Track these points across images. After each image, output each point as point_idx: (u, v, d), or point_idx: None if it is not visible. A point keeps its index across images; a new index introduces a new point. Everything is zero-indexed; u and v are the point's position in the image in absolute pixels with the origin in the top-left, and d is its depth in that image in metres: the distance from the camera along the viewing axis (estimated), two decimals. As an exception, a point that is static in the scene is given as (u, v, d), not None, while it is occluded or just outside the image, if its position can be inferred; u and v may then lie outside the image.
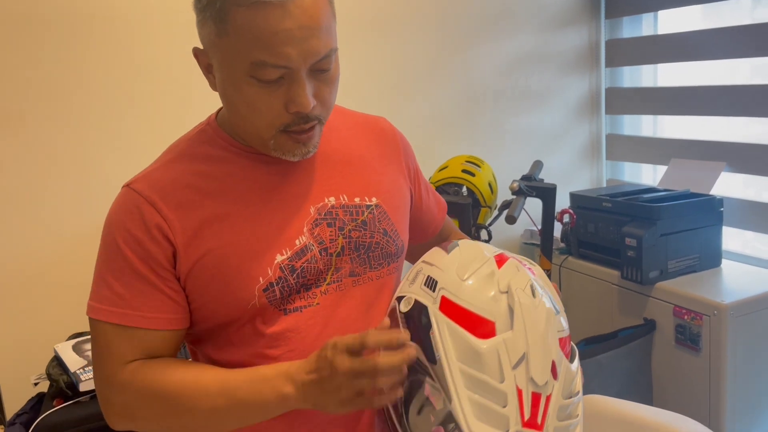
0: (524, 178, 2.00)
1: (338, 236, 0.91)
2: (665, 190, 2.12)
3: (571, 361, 0.78)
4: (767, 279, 1.87)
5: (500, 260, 0.81)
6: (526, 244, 2.43)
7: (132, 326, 0.83)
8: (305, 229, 0.89)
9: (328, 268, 0.90)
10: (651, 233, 1.85)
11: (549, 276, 2.00)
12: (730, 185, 2.14)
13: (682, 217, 1.91)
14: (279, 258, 0.86)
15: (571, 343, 0.82)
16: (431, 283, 0.80)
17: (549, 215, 1.99)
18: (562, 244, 2.24)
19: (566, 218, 2.05)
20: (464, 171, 2.01)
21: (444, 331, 0.74)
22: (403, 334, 0.76)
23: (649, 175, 2.52)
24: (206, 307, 0.86)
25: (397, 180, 1.02)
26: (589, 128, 2.59)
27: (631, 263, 1.90)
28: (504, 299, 0.76)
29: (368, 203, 0.95)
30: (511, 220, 1.82)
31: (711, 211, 1.96)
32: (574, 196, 2.17)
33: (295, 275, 0.87)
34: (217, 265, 0.84)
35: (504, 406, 0.71)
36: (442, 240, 1.13)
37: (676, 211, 1.89)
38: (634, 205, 1.95)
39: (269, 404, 0.81)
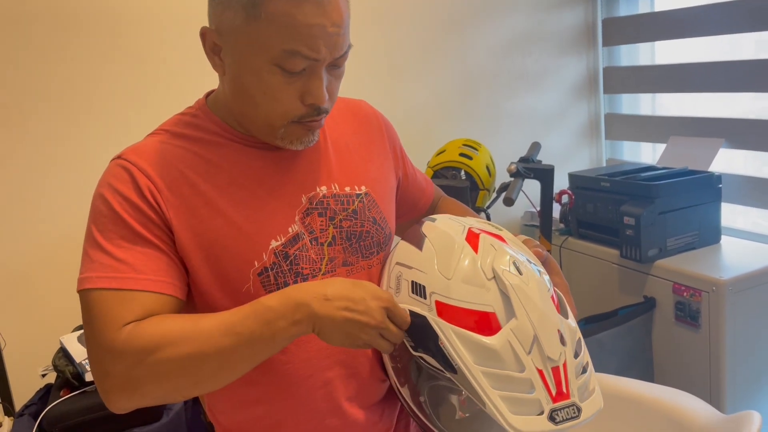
0: (522, 159, 2.01)
1: (329, 226, 0.92)
2: (664, 168, 2.12)
3: (565, 315, 0.80)
4: (766, 254, 1.87)
5: (472, 241, 0.81)
6: (526, 225, 2.44)
7: (136, 289, 0.78)
8: (297, 218, 0.90)
9: (321, 258, 0.91)
10: (649, 211, 1.86)
11: (549, 257, 2.01)
12: (729, 161, 2.14)
13: (681, 194, 1.91)
14: (274, 243, 0.87)
15: (555, 290, 0.83)
16: (419, 290, 0.79)
17: (547, 196, 1.99)
18: (562, 225, 2.24)
19: (565, 199, 2.05)
20: (462, 155, 2.01)
21: (452, 338, 0.74)
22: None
23: (648, 153, 2.52)
24: (199, 289, 0.86)
25: (384, 165, 1.03)
26: (588, 108, 2.59)
27: (630, 242, 1.90)
28: (494, 285, 0.76)
29: (358, 192, 0.96)
30: (508, 202, 1.83)
31: (709, 188, 1.96)
32: (573, 177, 2.17)
33: (288, 262, 0.88)
34: (211, 245, 0.84)
35: (532, 392, 0.72)
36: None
37: (674, 188, 1.89)
38: (632, 184, 1.95)
39: (277, 335, 0.77)
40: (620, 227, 1.93)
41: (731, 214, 2.12)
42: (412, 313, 0.78)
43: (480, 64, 2.39)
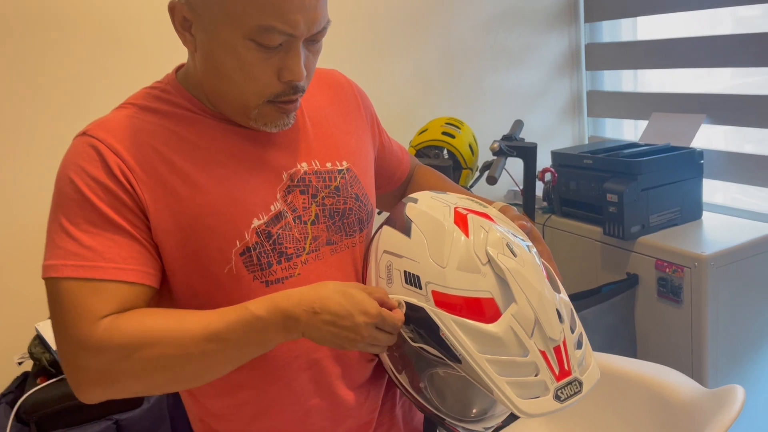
0: (505, 138, 1.99)
1: (311, 204, 0.89)
2: (646, 145, 2.11)
3: (557, 289, 0.79)
4: (747, 229, 1.88)
5: (461, 223, 0.79)
6: (509, 204, 2.42)
7: (107, 279, 0.75)
8: (278, 196, 0.87)
9: (305, 237, 0.88)
10: (632, 188, 1.85)
11: (532, 235, 2.01)
12: (709, 138, 2.14)
13: (663, 170, 1.91)
14: (256, 222, 0.84)
15: (543, 262, 0.82)
16: (413, 280, 0.77)
17: (530, 175, 1.98)
18: (545, 203, 2.24)
19: (547, 177, 2.04)
20: (444, 133, 1.99)
21: (453, 329, 0.73)
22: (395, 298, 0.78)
23: (630, 130, 2.51)
24: (179, 272, 0.83)
25: (362, 138, 1.00)
26: (570, 85, 2.57)
27: (613, 219, 1.90)
28: (489, 270, 0.75)
29: (339, 168, 0.94)
30: (491, 181, 1.81)
31: (691, 164, 1.96)
32: (555, 155, 2.16)
33: (271, 242, 0.85)
34: (191, 225, 0.81)
35: (537, 374, 0.72)
36: (413, 189, 1.13)
37: (657, 165, 1.89)
38: (614, 161, 1.95)
39: (267, 343, 0.77)
40: (603, 204, 1.92)
41: (712, 190, 2.13)
42: (410, 306, 0.76)
43: (462, 40, 2.36)
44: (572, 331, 0.76)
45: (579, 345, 0.77)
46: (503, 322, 0.72)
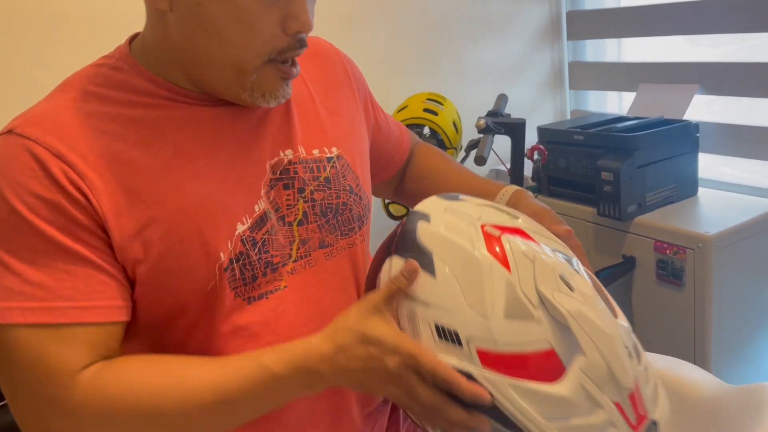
0: (490, 114, 1.84)
1: (298, 200, 0.73)
2: (635, 118, 1.99)
3: (613, 312, 0.64)
4: (748, 206, 1.78)
5: (496, 248, 0.61)
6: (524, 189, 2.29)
7: (68, 323, 0.61)
8: (262, 192, 0.71)
9: (291, 241, 0.72)
10: (628, 165, 1.73)
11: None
12: (700, 109, 2.03)
13: (659, 145, 1.79)
14: (240, 228, 0.68)
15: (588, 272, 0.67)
16: (450, 335, 0.60)
17: (518, 153, 1.83)
18: (533, 183, 2.10)
19: (537, 155, 1.90)
20: (426, 110, 1.83)
21: (512, 396, 0.57)
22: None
23: (614, 103, 2.40)
24: (148, 294, 0.67)
25: (355, 118, 0.85)
26: (551, 56, 2.43)
27: (608, 198, 1.77)
28: (543, 314, 0.59)
29: (329, 155, 0.78)
30: (480, 161, 1.66)
31: (687, 138, 1.85)
32: (542, 131, 2.03)
33: (256, 250, 0.69)
34: (163, 239, 0.64)
35: (613, 429, 0.58)
36: (413, 173, 0.98)
37: (654, 139, 1.77)
38: (608, 136, 1.82)
39: (286, 400, 0.67)
40: (597, 183, 1.80)
41: (706, 165, 2.02)
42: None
43: (440, 10, 2.18)
44: (639, 363, 0.61)
45: (645, 367, 0.63)
46: (571, 379, 0.57)
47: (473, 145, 1.78)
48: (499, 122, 1.78)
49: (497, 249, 0.61)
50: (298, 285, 0.73)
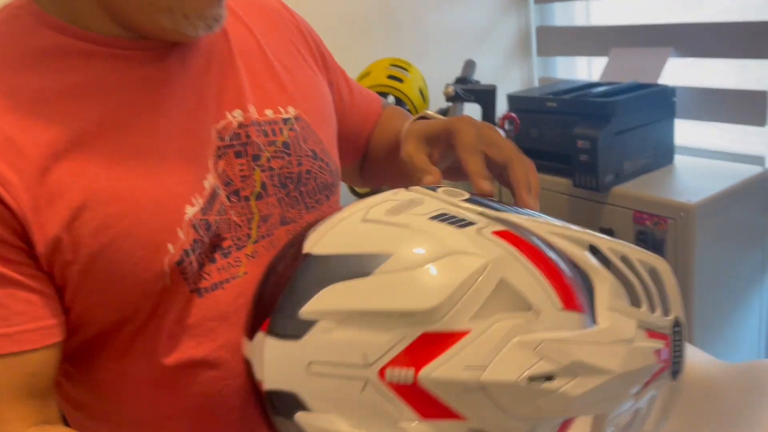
0: (459, 81, 1.72)
1: (254, 170, 0.61)
2: (608, 84, 1.90)
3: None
4: (727, 173, 1.71)
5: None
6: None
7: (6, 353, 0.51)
8: (210, 164, 0.59)
9: (249, 219, 0.61)
10: (606, 132, 1.63)
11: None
12: (680, 73, 1.95)
13: (637, 111, 1.70)
14: (190, 211, 0.57)
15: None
16: None
17: (489, 121, 1.73)
18: (503, 154, 1.99)
19: (508, 124, 1.79)
20: (390, 77, 1.69)
21: None
22: None
23: (583, 70, 2.31)
24: (87, 302, 0.55)
25: (313, 77, 0.73)
26: (518, 21, 2.31)
27: (585, 168, 1.68)
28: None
29: (285, 116, 0.66)
30: (451, 130, 1.55)
31: (664, 103, 1.77)
32: (512, 98, 1.92)
33: (210, 234, 0.58)
34: (100, 231, 0.53)
35: None
36: (373, 143, 0.86)
37: (631, 104, 1.68)
38: (584, 102, 1.72)
39: None
40: (572, 152, 1.70)
41: (680, 131, 1.95)
42: None
43: (400, -31, 2.04)
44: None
45: None
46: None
47: (441, 114, 1.66)
48: (469, 89, 1.66)
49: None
50: (261, 270, 0.60)
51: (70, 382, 0.63)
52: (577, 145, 1.67)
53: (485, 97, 1.69)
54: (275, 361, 0.45)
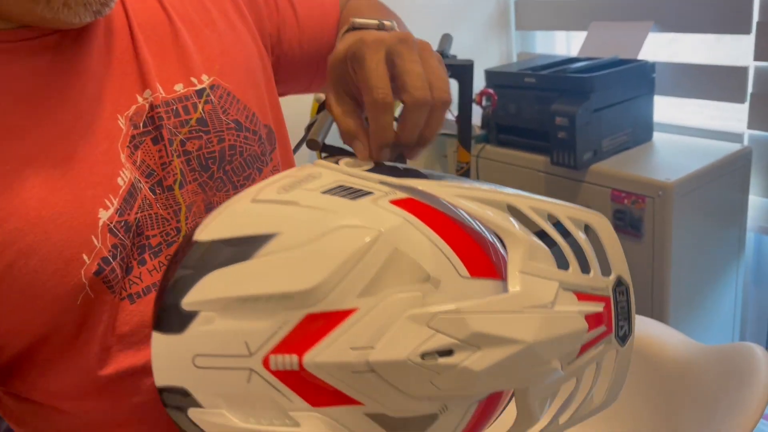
0: (435, 55, 1.66)
1: (172, 156, 0.56)
2: (588, 59, 1.86)
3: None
4: (705, 150, 1.69)
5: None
6: (440, 134, 2.12)
7: None
8: (123, 157, 0.53)
9: (176, 211, 0.55)
10: (584, 109, 1.60)
11: (467, 172, 1.73)
12: (656, 48, 1.92)
13: (616, 87, 1.66)
14: (104, 215, 0.51)
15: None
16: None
17: (466, 99, 1.67)
18: (482, 131, 1.95)
19: (486, 100, 1.75)
20: (363, 51, 1.63)
21: None
22: None
23: (562, 44, 2.26)
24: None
25: (230, 33, 0.65)
26: (496, -6, 2.26)
27: (563, 146, 1.65)
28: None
29: (198, 87, 0.60)
30: (426, 107, 1.49)
31: (643, 78, 1.73)
32: (490, 74, 1.87)
33: (131, 235, 0.52)
34: (0, 252, 0.47)
35: None
36: None
37: (610, 80, 1.64)
38: (562, 78, 1.68)
39: None
40: (550, 130, 1.66)
41: (658, 107, 1.93)
42: None
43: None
44: None
45: None
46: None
47: (417, 89, 1.61)
48: (445, 64, 1.60)
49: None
50: None
51: (10, 399, 0.58)
52: (555, 122, 1.63)
53: (462, 72, 1.64)
54: (162, 357, 0.42)
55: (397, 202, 0.44)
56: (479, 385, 0.42)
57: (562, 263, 0.48)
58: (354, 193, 0.44)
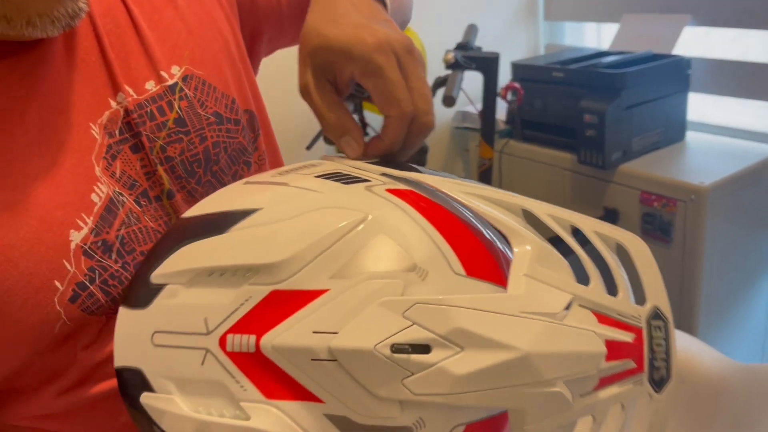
0: (459, 47, 1.60)
1: (155, 164, 0.52)
2: (619, 53, 1.77)
3: None
4: (742, 152, 1.61)
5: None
6: (458, 128, 2.06)
7: None
8: (98, 171, 0.48)
9: (167, 223, 0.51)
10: (615, 107, 1.52)
11: (489, 169, 1.67)
12: (692, 43, 1.83)
13: (649, 84, 1.58)
14: (76, 236, 0.46)
15: None
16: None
17: (491, 92, 1.61)
18: (506, 126, 1.88)
19: (511, 95, 1.68)
20: (385, 41, 1.57)
21: None
22: None
23: (592, 37, 2.18)
24: None
25: (198, 11, 0.59)
26: (524, -18, 2.17)
27: (591, 144, 1.57)
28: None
29: (170, 82, 0.54)
30: (449, 101, 1.43)
31: (678, 75, 1.65)
32: (516, 67, 1.80)
33: (115, 254, 0.48)
34: None
35: None
36: None
37: (644, 77, 1.56)
38: (592, 73, 1.60)
39: None
40: (578, 127, 1.59)
41: (692, 106, 1.84)
42: None
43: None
44: None
45: None
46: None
47: (440, 83, 1.55)
48: (470, 56, 1.54)
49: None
50: None
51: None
52: (583, 120, 1.56)
53: (487, 65, 1.57)
54: (124, 334, 0.39)
55: (394, 191, 0.40)
56: (460, 395, 0.35)
57: (582, 280, 0.42)
58: (349, 180, 0.41)
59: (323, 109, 0.45)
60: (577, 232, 0.45)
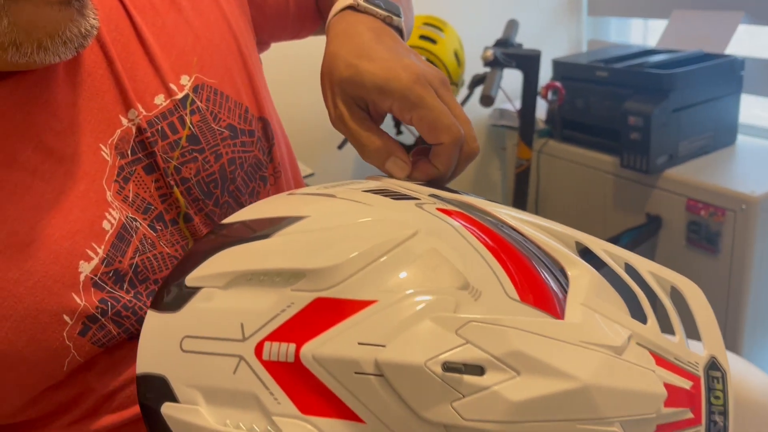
0: (499, 43, 1.54)
1: (171, 186, 0.49)
2: (667, 51, 1.69)
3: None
4: (798, 159, 1.52)
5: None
6: (495, 126, 2.00)
7: None
8: (109, 195, 0.45)
9: (184, 247, 0.49)
10: (662, 109, 1.45)
11: (527, 170, 1.61)
12: (746, 42, 1.74)
13: (698, 85, 1.50)
14: (86, 267, 0.44)
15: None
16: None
17: (531, 91, 1.56)
18: (546, 126, 1.82)
19: (552, 94, 1.62)
20: (422, 37, 1.53)
21: None
22: None
23: (638, 33, 2.09)
24: None
25: (204, 10, 0.55)
26: (568, -24, 2.10)
27: (635, 148, 1.51)
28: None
29: (180, 95, 0.51)
30: (487, 101, 1.39)
31: (730, 76, 1.56)
32: (558, 65, 1.73)
33: (127, 283, 0.45)
34: None
35: None
36: None
37: (694, 78, 1.48)
38: (639, 73, 1.53)
39: None
40: (621, 129, 1.52)
41: (744, 108, 1.75)
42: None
43: None
44: None
45: None
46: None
47: (478, 80, 1.50)
48: (510, 54, 1.49)
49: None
50: None
51: None
52: (627, 122, 1.49)
53: (528, 63, 1.52)
54: (150, 338, 0.36)
55: (444, 211, 0.39)
56: (514, 424, 0.32)
57: (638, 318, 0.39)
58: (398, 196, 0.40)
59: (363, 137, 0.45)
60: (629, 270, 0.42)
